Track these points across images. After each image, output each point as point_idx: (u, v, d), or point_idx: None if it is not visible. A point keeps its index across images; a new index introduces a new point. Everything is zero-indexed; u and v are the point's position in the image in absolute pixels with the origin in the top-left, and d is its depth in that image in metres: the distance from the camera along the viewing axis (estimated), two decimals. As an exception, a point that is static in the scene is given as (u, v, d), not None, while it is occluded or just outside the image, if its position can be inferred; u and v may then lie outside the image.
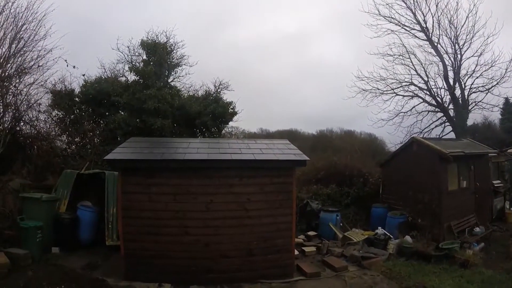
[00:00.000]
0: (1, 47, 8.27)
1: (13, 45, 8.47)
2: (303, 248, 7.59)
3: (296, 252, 6.78)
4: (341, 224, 9.03)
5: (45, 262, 6.05)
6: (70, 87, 11.01)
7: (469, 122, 14.60)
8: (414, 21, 14.63)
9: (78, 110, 11.07)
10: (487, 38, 13.65)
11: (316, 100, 36.93)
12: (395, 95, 15.04)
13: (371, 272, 6.38)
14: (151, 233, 5.60)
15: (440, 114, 14.84)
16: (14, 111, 8.87)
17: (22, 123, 9.43)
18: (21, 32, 8.58)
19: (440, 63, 14.40)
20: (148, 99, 10.43)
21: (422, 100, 14.95)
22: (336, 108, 35.29)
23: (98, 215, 7.44)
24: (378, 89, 15.13)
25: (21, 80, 9.00)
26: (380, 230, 8.26)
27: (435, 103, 14.73)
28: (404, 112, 15.01)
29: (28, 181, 8.35)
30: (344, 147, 15.74)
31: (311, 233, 8.63)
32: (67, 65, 9.77)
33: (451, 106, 14.57)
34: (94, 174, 7.88)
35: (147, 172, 5.64)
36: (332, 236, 8.43)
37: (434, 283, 5.81)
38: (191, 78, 15.99)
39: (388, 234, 8.04)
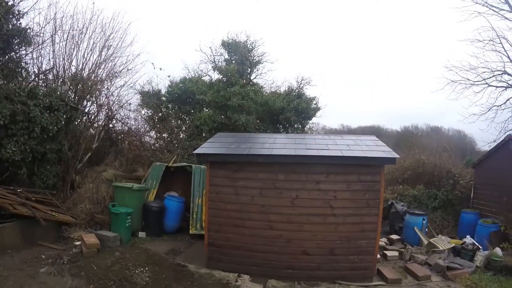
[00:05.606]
0: (93, 54, 9.29)
1: (103, 53, 9.43)
2: (385, 252, 7.22)
3: (378, 256, 6.45)
4: (426, 229, 8.34)
5: (132, 245, 6.58)
6: (157, 88, 12.21)
7: None
8: (502, 0, 12.78)
9: (165, 109, 12.05)
10: None
11: (400, 94, 34.18)
12: (487, 86, 13.06)
13: (455, 284, 5.85)
14: (235, 225, 5.76)
15: (539, 108, 12.79)
16: (107, 111, 9.94)
17: (114, 121, 10.51)
18: (109, 41, 9.51)
19: (536, 47, 12.37)
20: (232, 96, 10.74)
21: (517, 92, 13.01)
22: (422, 103, 32.15)
23: (183, 205, 7.93)
24: (468, 79, 13.24)
25: (113, 83, 10.03)
26: (468, 240, 7.49)
27: (533, 95, 12.72)
28: (498, 106, 12.89)
29: (120, 172, 9.25)
30: (430, 144, 14.51)
31: (394, 236, 8.15)
32: (154, 68, 10.67)
33: (551, 98, 12.44)
34: (181, 167, 8.43)
35: (234, 166, 5.78)
36: (416, 241, 7.84)
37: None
38: (273, 75, 16.34)
39: (477, 244, 7.25)
